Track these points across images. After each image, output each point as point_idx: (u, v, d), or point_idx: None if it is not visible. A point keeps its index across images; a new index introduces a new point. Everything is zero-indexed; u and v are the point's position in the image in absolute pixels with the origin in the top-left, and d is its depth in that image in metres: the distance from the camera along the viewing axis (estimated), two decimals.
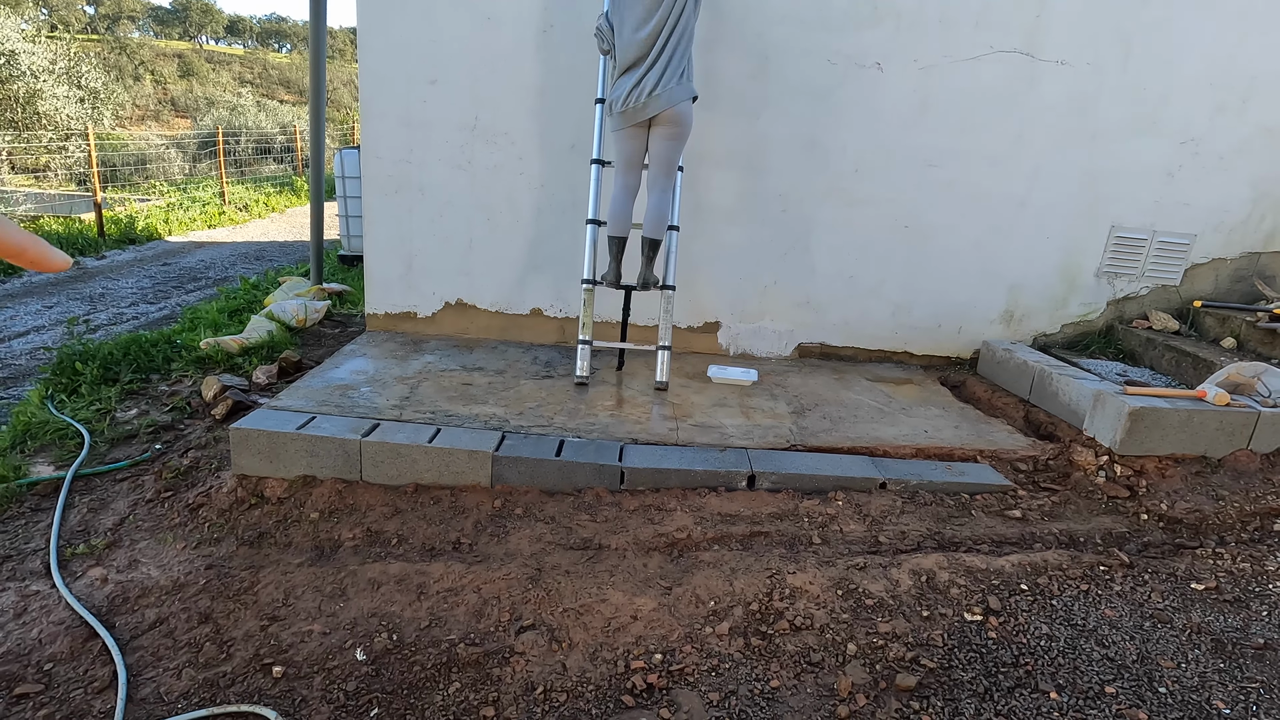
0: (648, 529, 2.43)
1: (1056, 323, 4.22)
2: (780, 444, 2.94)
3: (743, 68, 3.67)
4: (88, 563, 2.23)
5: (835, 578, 2.17)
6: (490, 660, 1.85)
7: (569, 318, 4.00)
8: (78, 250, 7.30)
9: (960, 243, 4.00)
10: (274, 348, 3.94)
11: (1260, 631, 2.05)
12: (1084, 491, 2.80)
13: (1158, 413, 2.84)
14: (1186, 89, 3.79)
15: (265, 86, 28.85)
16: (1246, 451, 2.90)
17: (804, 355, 4.20)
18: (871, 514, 2.57)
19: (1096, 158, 3.88)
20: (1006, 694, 1.78)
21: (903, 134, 3.80)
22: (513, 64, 3.63)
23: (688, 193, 3.76)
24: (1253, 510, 2.67)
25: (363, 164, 3.81)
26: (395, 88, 3.66)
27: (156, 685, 1.76)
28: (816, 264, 4.01)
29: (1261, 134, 3.90)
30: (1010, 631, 2.00)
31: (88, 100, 14.39)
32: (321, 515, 2.47)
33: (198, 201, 10.73)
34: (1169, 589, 2.22)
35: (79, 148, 11.73)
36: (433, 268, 3.95)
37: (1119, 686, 1.82)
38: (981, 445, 3.06)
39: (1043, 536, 2.51)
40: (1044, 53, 3.70)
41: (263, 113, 19.08)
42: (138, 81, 23.57)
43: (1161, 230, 4.06)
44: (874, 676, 1.82)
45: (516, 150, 3.77)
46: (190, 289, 6.43)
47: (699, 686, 1.78)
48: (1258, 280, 4.18)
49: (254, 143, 15.66)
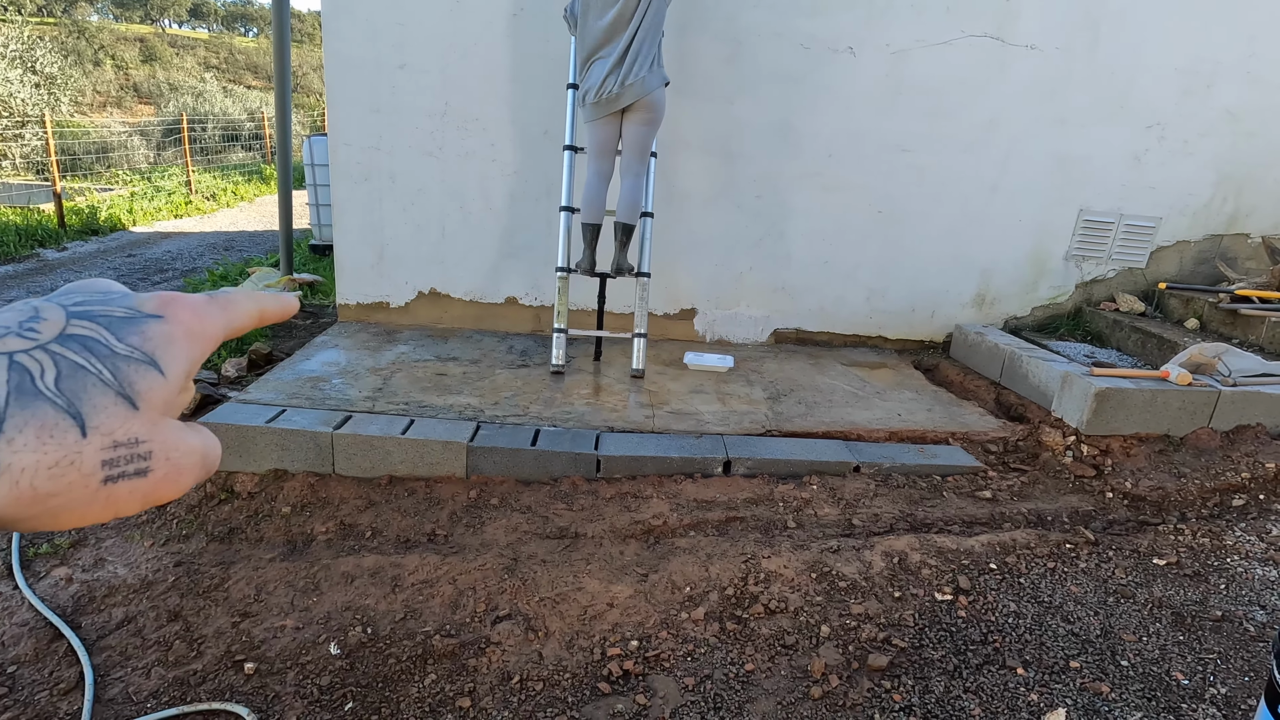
0: (624, 517, 2.43)
1: (1027, 306, 4.28)
2: (756, 430, 2.96)
3: (716, 52, 3.64)
4: (52, 562, 2.18)
5: (809, 561, 2.19)
6: (466, 651, 1.84)
7: (544, 306, 3.97)
8: (37, 242, 7.08)
9: (933, 227, 4.03)
10: (243, 339, 3.86)
11: (1218, 604, 2.11)
12: (1052, 471, 2.86)
13: (1123, 393, 2.90)
14: (1153, 73, 3.85)
15: (232, 72, 28.12)
16: (1208, 430, 2.97)
17: (780, 341, 4.22)
18: (845, 497, 2.60)
19: (1065, 142, 3.93)
20: (975, 671, 1.82)
21: (876, 119, 3.81)
22: (483, 48, 3.57)
23: (662, 179, 3.74)
24: (1213, 487, 2.75)
25: (331, 151, 3.73)
26: (363, 72, 3.58)
27: (125, 685, 1.73)
28: (792, 250, 4.02)
29: (1225, 118, 3.97)
30: (979, 610, 2.04)
31: (44, 86, 13.91)
32: (293, 509, 2.44)
33: (163, 191, 10.46)
34: (1132, 565, 2.28)
35: (36, 135, 11.35)
36: (405, 256, 3.90)
37: (1083, 660, 1.86)
38: (953, 428, 3.10)
39: (1012, 516, 2.56)
40: (1014, 37, 3.72)
41: (230, 99, 18.60)
42: (98, 67, 22.83)
43: (1128, 214, 4.12)
44: (847, 657, 1.85)
45: (488, 137, 3.71)
46: (156, 281, 6.28)
47: (675, 672, 1.79)
48: (1220, 262, 4.27)
49: (221, 130, 15.27)
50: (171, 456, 0.29)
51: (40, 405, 0.25)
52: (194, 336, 0.31)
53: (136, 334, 0.29)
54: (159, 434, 0.28)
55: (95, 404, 0.26)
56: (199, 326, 0.31)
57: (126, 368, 0.28)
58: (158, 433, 0.28)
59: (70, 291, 0.30)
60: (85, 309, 0.29)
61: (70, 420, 0.26)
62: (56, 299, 0.29)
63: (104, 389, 0.27)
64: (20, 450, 0.24)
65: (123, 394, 0.27)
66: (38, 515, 0.25)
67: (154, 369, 0.29)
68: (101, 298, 0.30)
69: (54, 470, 0.25)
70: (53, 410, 0.25)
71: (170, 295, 0.32)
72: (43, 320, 0.27)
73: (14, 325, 0.27)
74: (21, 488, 0.24)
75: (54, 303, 0.29)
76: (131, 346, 0.28)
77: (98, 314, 0.29)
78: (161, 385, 0.29)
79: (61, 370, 0.26)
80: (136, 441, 0.27)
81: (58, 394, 0.26)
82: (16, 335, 0.26)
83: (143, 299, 0.31)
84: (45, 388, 0.25)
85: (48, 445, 0.25)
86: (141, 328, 0.29)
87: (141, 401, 0.28)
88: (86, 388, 0.27)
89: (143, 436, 0.28)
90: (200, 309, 0.32)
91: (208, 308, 0.32)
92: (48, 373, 0.26)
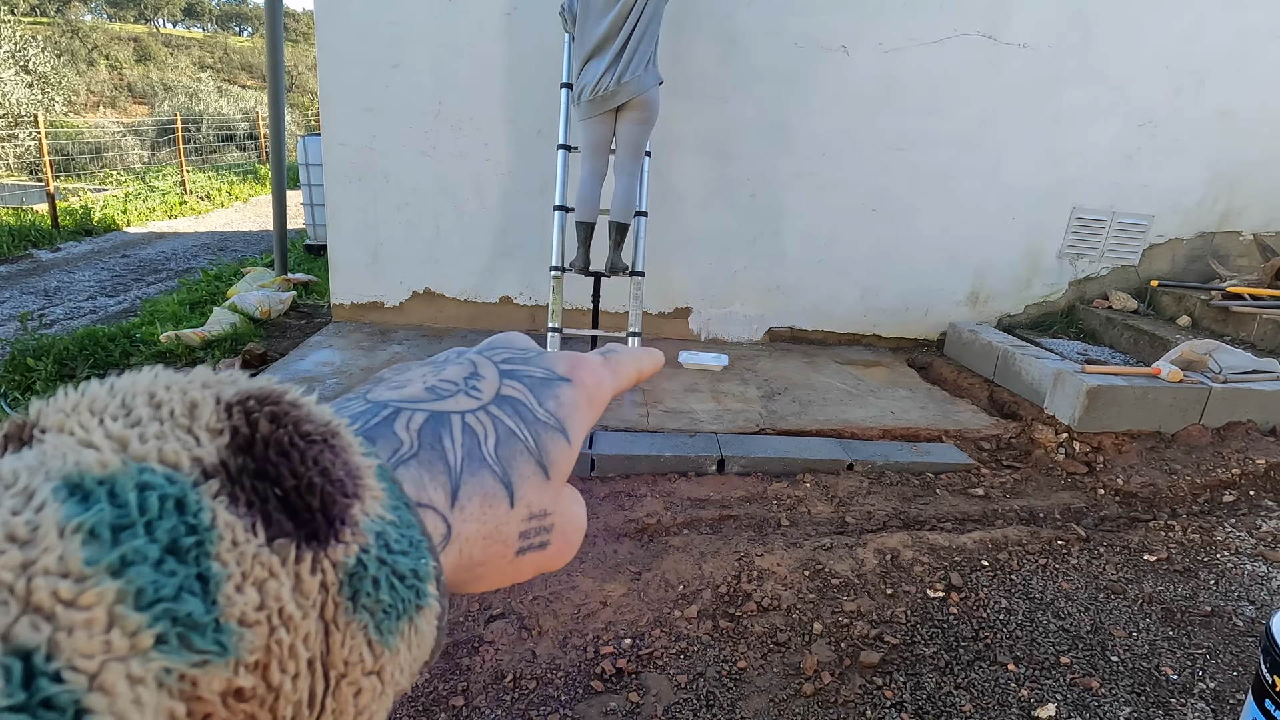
0: (618, 515, 2.44)
1: (1020, 304, 4.30)
2: (750, 428, 2.97)
3: (710, 51, 3.65)
4: None
5: (802, 559, 2.20)
6: (459, 650, 1.85)
7: (539, 305, 3.97)
8: (30, 243, 7.06)
9: (927, 226, 4.04)
10: (238, 340, 3.86)
11: (1208, 599, 2.13)
12: (1044, 468, 2.88)
13: (1115, 390, 2.92)
14: (1145, 72, 3.86)
15: (226, 71, 28.04)
16: (1198, 426, 2.99)
17: (774, 339, 4.23)
18: (839, 495, 2.61)
19: (1058, 140, 3.94)
20: (966, 667, 1.83)
21: (869, 118, 3.82)
22: (476, 47, 3.57)
23: (657, 179, 3.74)
24: (1203, 483, 2.77)
25: (324, 151, 3.72)
26: (356, 72, 3.58)
27: None
28: (786, 249, 4.03)
29: (1216, 116, 3.99)
30: (971, 607, 2.05)
31: (37, 85, 13.85)
32: None
33: (157, 191, 10.43)
34: (1123, 561, 2.29)
35: (29, 135, 11.31)
36: (399, 256, 3.90)
37: (1073, 656, 1.88)
38: (947, 425, 3.12)
39: (1004, 513, 2.57)
40: (1007, 36, 3.74)
41: (224, 98, 18.54)
42: (91, 66, 22.74)
43: (1121, 212, 4.14)
44: (839, 654, 1.86)
45: (482, 136, 3.71)
46: (150, 281, 6.26)
47: (668, 669, 1.80)
48: (1212, 260, 4.29)
49: (216, 129, 15.23)
50: (565, 529, 0.28)
51: (484, 473, 0.24)
52: (593, 403, 0.30)
53: (553, 399, 0.28)
54: (560, 505, 0.27)
55: (521, 473, 0.25)
56: (598, 393, 0.30)
57: (545, 435, 0.27)
58: (560, 504, 0.27)
59: (495, 346, 0.30)
60: (512, 368, 0.28)
61: (504, 490, 0.25)
62: (485, 353, 0.29)
63: (528, 458, 0.26)
64: (467, 520, 0.24)
65: (540, 463, 0.26)
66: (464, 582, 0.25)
67: (564, 437, 0.27)
68: (521, 355, 0.29)
69: (486, 540, 0.24)
70: (492, 479, 0.24)
71: (577, 358, 0.30)
72: (481, 379, 0.27)
73: (460, 382, 0.26)
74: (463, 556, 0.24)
75: (485, 357, 0.28)
76: (549, 412, 0.27)
77: (523, 374, 0.28)
78: (568, 454, 0.27)
79: (500, 436, 0.25)
80: (545, 514, 0.26)
81: (496, 461, 0.25)
82: (465, 394, 0.26)
83: (554, 360, 0.30)
84: (488, 454, 0.25)
85: (486, 515, 0.24)
86: (557, 392, 0.28)
87: (554, 471, 0.27)
88: (516, 455, 0.25)
89: (549, 508, 0.27)
90: (599, 372, 0.31)
91: (603, 371, 0.31)
92: (489, 438, 0.25)
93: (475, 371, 0.27)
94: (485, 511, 0.24)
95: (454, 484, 0.23)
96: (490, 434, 0.25)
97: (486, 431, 0.25)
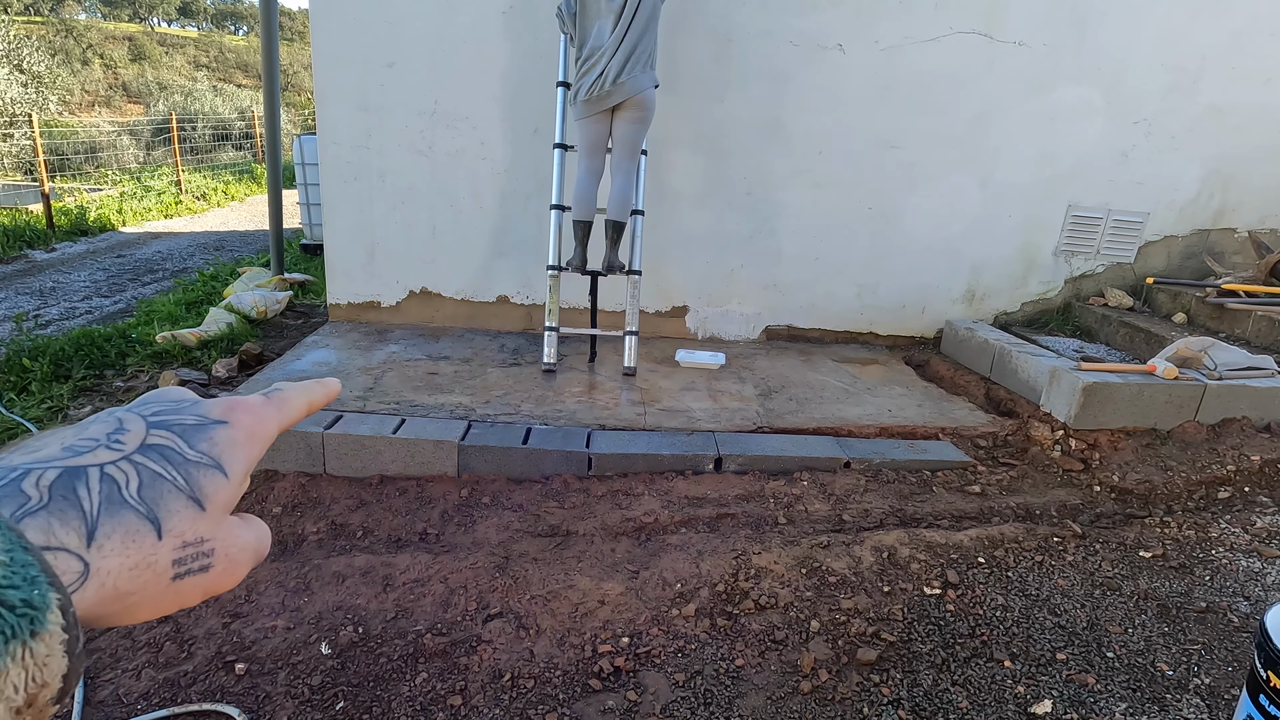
0: (615, 514, 2.44)
1: (1017, 301, 4.31)
2: (747, 426, 2.97)
3: (706, 49, 3.65)
4: None
5: (799, 557, 2.21)
6: (458, 649, 1.85)
7: (536, 304, 3.97)
8: (25, 243, 7.03)
9: (923, 223, 4.05)
10: (234, 340, 3.85)
11: (1203, 596, 2.14)
12: (1040, 465, 2.88)
13: (1110, 387, 2.92)
14: (1140, 69, 3.87)
15: (222, 70, 27.94)
16: (1194, 423, 3.00)
17: (771, 338, 4.23)
18: (836, 493, 2.61)
19: (1053, 138, 3.95)
20: (963, 664, 1.83)
21: (865, 116, 3.82)
22: (472, 46, 3.57)
23: (653, 177, 3.74)
24: (1199, 480, 2.78)
25: (320, 150, 3.72)
26: (351, 71, 3.57)
27: (115, 687, 1.73)
28: (782, 247, 4.03)
29: (1211, 113, 4.00)
30: (967, 604, 2.06)
31: (31, 85, 13.79)
32: (284, 510, 2.43)
33: (153, 190, 10.39)
34: (1118, 557, 2.30)
35: (24, 135, 11.26)
36: (396, 256, 3.89)
37: (1069, 653, 1.88)
38: (943, 423, 3.12)
39: (1000, 510, 2.58)
40: (1002, 33, 3.74)
41: (219, 98, 18.48)
42: (86, 66, 22.64)
43: (1116, 209, 4.15)
44: (836, 652, 1.86)
45: (478, 135, 3.71)
46: (146, 281, 6.24)
47: (665, 668, 1.80)
48: (1207, 257, 4.30)
49: (211, 129, 15.17)
50: (230, 552, 0.31)
51: (125, 514, 0.27)
52: (254, 438, 0.34)
53: (205, 440, 0.31)
54: (220, 532, 0.31)
55: (170, 509, 0.29)
56: (259, 429, 0.34)
57: (197, 473, 0.30)
58: (219, 530, 0.31)
59: (148, 401, 0.33)
60: (161, 419, 0.31)
61: (149, 525, 0.28)
62: (136, 409, 0.32)
63: (177, 494, 0.29)
64: (108, 555, 0.26)
65: (193, 497, 0.30)
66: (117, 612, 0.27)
67: (219, 472, 0.31)
68: (174, 406, 0.33)
69: (134, 571, 0.27)
70: (135, 517, 0.28)
71: (233, 401, 0.34)
72: (126, 432, 0.30)
73: (102, 438, 0.29)
74: (106, 588, 0.26)
75: (134, 413, 0.31)
76: (201, 453, 0.31)
77: (173, 423, 0.31)
78: (225, 486, 0.31)
79: (144, 479, 0.29)
80: (202, 540, 0.30)
81: (139, 502, 0.28)
82: (105, 447, 0.29)
83: (209, 406, 0.34)
84: (130, 496, 0.28)
85: (130, 549, 0.27)
86: (210, 434, 0.32)
87: (209, 503, 0.30)
88: (163, 494, 0.29)
89: (207, 535, 0.30)
90: (259, 411, 0.34)
91: (265, 409, 0.35)
92: (131, 482, 0.28)
93: (120, 427, 0.30)
94: (128, 546, 0.27)
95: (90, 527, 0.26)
96: (133, 479, 0.28)
97: (129, 478, 0.28)
